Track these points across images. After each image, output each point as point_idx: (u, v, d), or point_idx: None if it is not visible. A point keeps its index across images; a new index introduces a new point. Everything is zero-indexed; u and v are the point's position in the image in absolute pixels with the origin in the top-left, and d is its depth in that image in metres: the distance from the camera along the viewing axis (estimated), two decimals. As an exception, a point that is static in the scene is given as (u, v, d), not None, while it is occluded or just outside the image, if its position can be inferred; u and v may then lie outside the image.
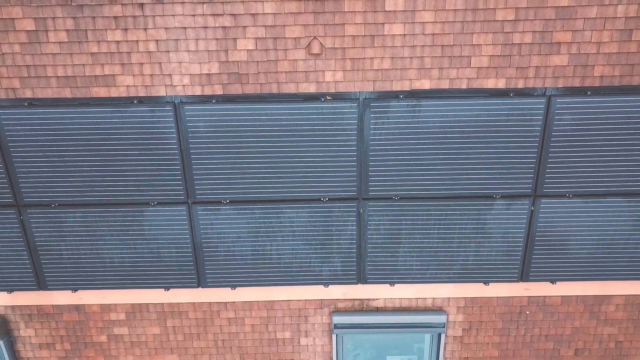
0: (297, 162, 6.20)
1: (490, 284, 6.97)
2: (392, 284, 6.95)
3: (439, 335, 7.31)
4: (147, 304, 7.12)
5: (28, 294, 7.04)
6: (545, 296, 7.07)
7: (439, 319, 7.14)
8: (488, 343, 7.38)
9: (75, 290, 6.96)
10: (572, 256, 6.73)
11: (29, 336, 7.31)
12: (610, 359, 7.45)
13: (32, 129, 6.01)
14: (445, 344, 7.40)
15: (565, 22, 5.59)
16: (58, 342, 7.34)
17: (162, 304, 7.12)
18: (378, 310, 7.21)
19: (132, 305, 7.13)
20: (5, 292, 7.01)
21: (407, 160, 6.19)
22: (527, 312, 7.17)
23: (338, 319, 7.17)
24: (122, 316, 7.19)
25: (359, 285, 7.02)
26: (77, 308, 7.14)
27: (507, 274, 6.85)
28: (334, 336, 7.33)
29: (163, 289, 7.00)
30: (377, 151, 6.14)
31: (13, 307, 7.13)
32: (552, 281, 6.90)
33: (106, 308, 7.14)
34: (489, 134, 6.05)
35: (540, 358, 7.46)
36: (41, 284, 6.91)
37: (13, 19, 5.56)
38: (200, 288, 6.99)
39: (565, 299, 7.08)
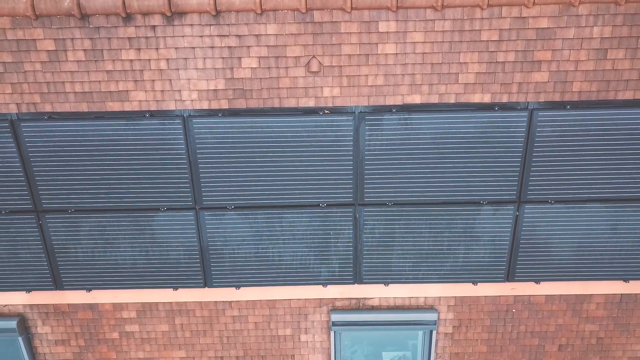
0: (298, 170, 6.65)
1: (478, 284, 7.43)
2: (386, 284, 7.42)
3: (431, 332, 7.77)
4: (156, 303, 7.58)
5: (45, 293, 7.50)
6: (530, 295, 7.53)
7: (431, 316, 7.59)
8: (477, 339, 7.84)
9: (89, 290, 7.43)
10: (554, 258, 7.19)
11: (46, 333, 7.78)
12: (592, 355, 7.91)
13: (51, 140, 6.47)
14: (436, 340, 7.86)
15: (545, 42, 6.05)
16: (73, 338, 7.80)
17: (171, 302, 7.58)
18: (373, 309, 7.67)
19: (143, 304, 7.58)
20: (24, 292, 7.48)
21: (399, 169, 6.64)
22: (514, 311, 7.63)
23: (336, 317, 7.63)
24: (133, 314, 7.65)
25: (356, 285, 7.48)
26: (91, 307, 7.60)
27: (494, 274, 7.31)
28: (332, 333, 7.79)
29: (171, 289, 7.46)
30: (371, 160, 6.60)
31: (31, 306, 7.59)
32: (537, 281, 7.36)
33: (118, 307, 7.60)
34: (475, 145, 6.50)
35: (526, 353, 7.92)
36: (58, 284, 7.37)
37: (35, 39, 6.01)
38: (206, 288, 7.45)
39: (549, 298, 7.54)
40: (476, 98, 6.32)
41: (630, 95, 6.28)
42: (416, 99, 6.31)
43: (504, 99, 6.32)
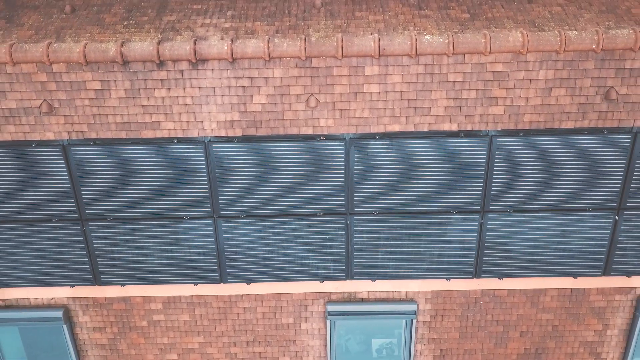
0: (298, 185, 8.03)
1: (451, 279, 8.80)
2: (373, 279, 8.80)
3: (411, 320, 9.15)
4: (179, 296, 8.96)
5: (86, 288, 8.87)
6: (494, 289, 8.90)
7: (411, 307, 8.97)
8: (451, 327, 9.22)
9: (123, 285, 8.81)
10: (514, 258, 8.57)
11: (85, 322, 9.15)
12: (548, 340, 9.29)
13: (95, 161, 7.84)
14: (416, 328, 9.24)
15: (501, 82, 7.41)
16: (108, 326, 9.18)
17: (192, 296, 8.95)
18: (363, 301, 9.05)
19: (168, 297, 8.96)
20: (68, 287, 8.85)
21: (383, 184, 8.02)
22: (481, 302, 9.00)
23: (331, 308, 9.00)
24: (160, 306, 9.02)
25: (348, 280, 8.86)
26: (124, 299, 8.98)
27: (463, 271, 8.69)
28: (328, 321, 9.17)
29: (192, 284, 8.84)
30: (360, 177, 7.98)
31: (74, 299, 8.97)
32: (500, 277, 8.74)
33: (147, 299, 8.97)
34: (445, 165, 7.88)
35: (493, 339, 9.30)
36: (97, 280, 8.75)
37: (85, 81, 7.38)
38: (221, 283, 8.83)
39: (510, 292, 8.91)
40: (445, 127, 7.68)
41: (572, 125, 7.65)
42: (396, 128, 7.69)
43: (469, 127, 7.69)
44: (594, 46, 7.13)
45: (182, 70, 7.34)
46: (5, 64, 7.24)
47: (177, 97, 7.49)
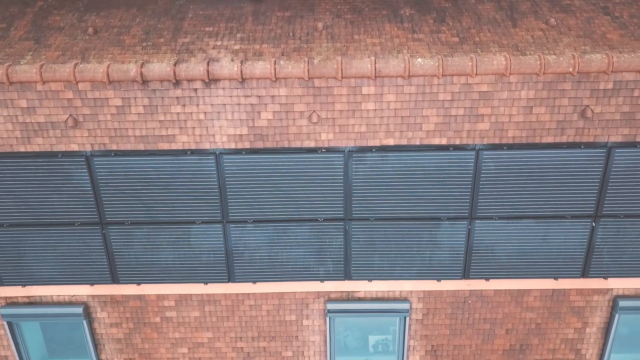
0: (301, 193, 8.75)
1: (441, 280, 9.52)
2: (370, 280, 9.53)
3: (405, 318, 9.86)
4: (190, 294, 9.68)
5: (104, 286, 9.60)
6: (482, 289, 9.62)
7: (404, 306, 9.69)
8: (441, 324, 9.93)
9: (139, 284, 9.54)
10: (500, 261, 9.29)
11: (103, 317, 9.88)
12: (532, 337, 10.01)
13: (115, 171, 8.57)
14: (409, 325, 9.95)
15: (486, 101, 8.12)
16: (124, 322, 9.92)
17: (202, 294, 9.67)
18: (360, 300, 9.78)
19: (180, 295, 9.68)
20: (88, 285, 9.58)
21: (379, 193, 8.74)
22: (469, 302, 9.72)
23: (331, 306, 9.72)
24: (172, 303, 9.75)
25: (346, 281, 9.58)
26: (140, 297, 9.71)
27: (453, 273, 9.41)
28: (327, 318, 9.89)
29: (203, 283, 9.56)
30: (357, 187, 8.70)
31: (93, 297, 9.70)
32: (487, 279, 9.46)
33: (161, 297, 9.70)
34: (436, 175, 8.59)
35: (480, 335, 10.02)
36: (114, 279, 9.47)
37: (107, 98, 8.10)
38: (230, 283, 9.55)
39: (496, 292, 9.63)
40: (436, 141, 8.40)
41: (551, 140, 8.37)
42: (390, 142, 8.40)
43: (457, 141, 8.41)
44: (570, 69, 7.84)
45: (196, 89, 8.06)
46: (36, 83, 7.97)
47: (191, 112, 8.21)
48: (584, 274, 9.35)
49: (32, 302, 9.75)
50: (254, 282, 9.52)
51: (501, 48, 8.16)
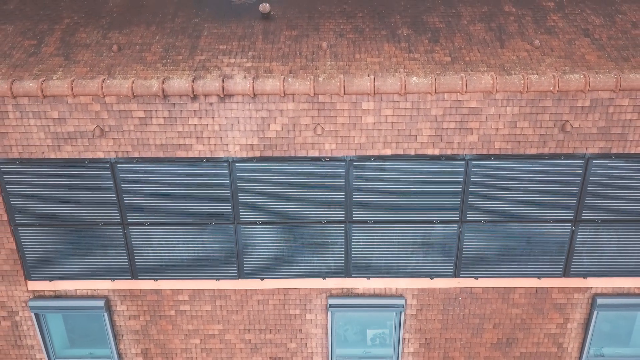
0: (306, 198, 9.57)
1: (434, 278, 10.34)
2: (368, 278, 10.35)
3: (400, 313, 10.68)
4: (203, 290, 10.50)
5: (124, 282, 10.42)
6: (471, 287, 10.43)
7: (400, 302, 10.50)
8: (434, 319, 10.75)
9: (156, 279, 10.37)
10: (488, 261, 10.10)
11: (122, 310, 10.71)
12: (517, 331, 10.83)
13: (137, 176, 9.40)
14: (404, 319, 10.77)
15: (475, 116, 8.92)
16: (142, 314, 10.75)
17: (214, 289, 10.49)
18: (359, 296, 10.59)
19: (193, 290, 10.50)
20: (109, 280, 10.41)
21: (377, 198, 9.56)
22: (460, 298, 10.53)
23: (332, 301, 10.53)
24: (186, 297, 10.57)
25: (346, 278, 10.40)
26: (156, 292, 10.53)
27: (445, 272, 10.23)
28: (329, 313, 10.70)
29: (215, 279, 10.38)
30: (357, 192, 9.52)
31: (113, 291, 10.53)
32: (476, 277, 10.27)
33: (176, 292, 10.52)
34: (429, 183, 9.41)
35: (470, 330, 10.84)
36: (134, 275, 10.30)
37: (131, 110, 8.91)
38: (239, 279, 10.37)
39: (485, 290, 10.44)
40: (429, 151, 9.21)
41: (534, 151, 9.17)
42: (388, 152, 9.22)
43: (449, 152, 9.22)
44: (551, 88, 8.64)
45: (211, 103, 8.87)
46: (67, 96, 8.79)
47: (207, 124, 9.03)
48: (565, 273, 10.16)
49: (57, 296, 10.57)
50: (262, 278, 10.34)
51: (489, 68, 8.97)
